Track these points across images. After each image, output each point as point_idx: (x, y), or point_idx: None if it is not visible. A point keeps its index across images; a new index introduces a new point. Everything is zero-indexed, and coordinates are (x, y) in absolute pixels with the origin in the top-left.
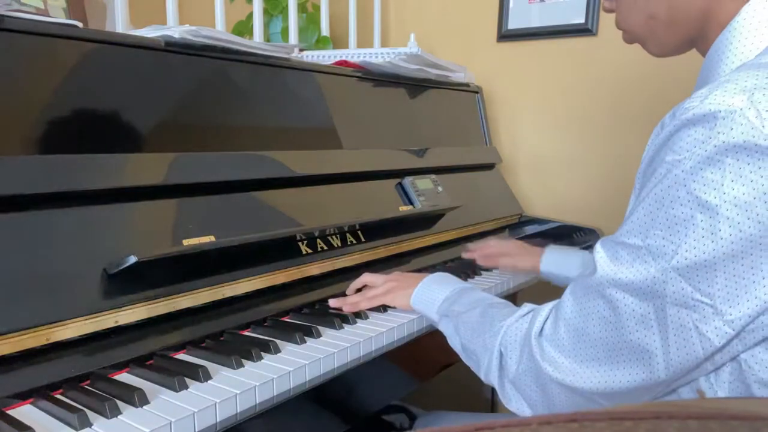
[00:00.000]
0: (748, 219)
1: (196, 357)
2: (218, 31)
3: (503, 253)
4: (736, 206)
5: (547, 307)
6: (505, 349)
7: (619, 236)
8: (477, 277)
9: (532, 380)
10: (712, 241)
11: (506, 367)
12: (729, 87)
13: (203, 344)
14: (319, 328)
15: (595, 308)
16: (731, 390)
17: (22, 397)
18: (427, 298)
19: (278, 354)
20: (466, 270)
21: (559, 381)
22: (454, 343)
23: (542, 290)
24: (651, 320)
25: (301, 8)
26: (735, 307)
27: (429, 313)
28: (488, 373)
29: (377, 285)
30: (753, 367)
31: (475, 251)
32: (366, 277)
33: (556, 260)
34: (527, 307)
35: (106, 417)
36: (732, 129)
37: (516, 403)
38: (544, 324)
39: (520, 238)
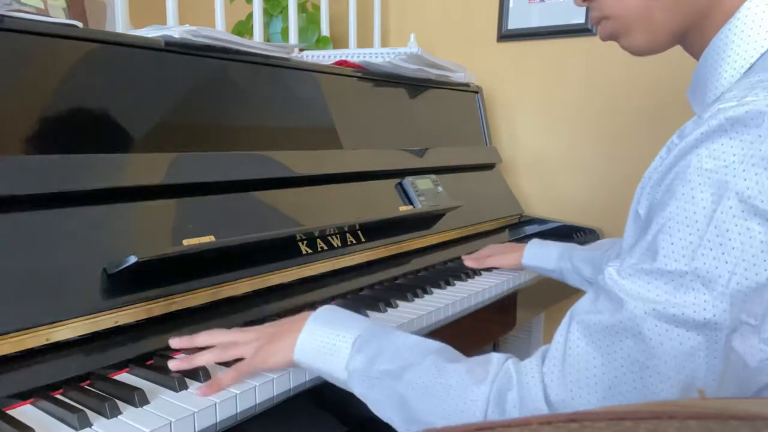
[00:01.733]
0: None
1: None
2: (218, 31)
3: (490, 254)
4: None
5: (532, 362)
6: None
7: (651, 263)
8: (477, 278)
9: None
10: None
11: None
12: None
13: None
14: None
15: (622, 352)
16: None
17: (22, 397)
18: (322, 349)
19: None
20: (466, 270)
21: None
22: (387, 414)
23: (540, 290)
24: (700, 353)
25: (301, 8)
26: None
27: (329, 367)
28: None
29: (242, 343)
30: None
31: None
32: (218, 336)
33: (535, 253)
34: (495, 359)
35: (106, 417)
36: None
37: None
38: (543, 383)
39: (520, 238)
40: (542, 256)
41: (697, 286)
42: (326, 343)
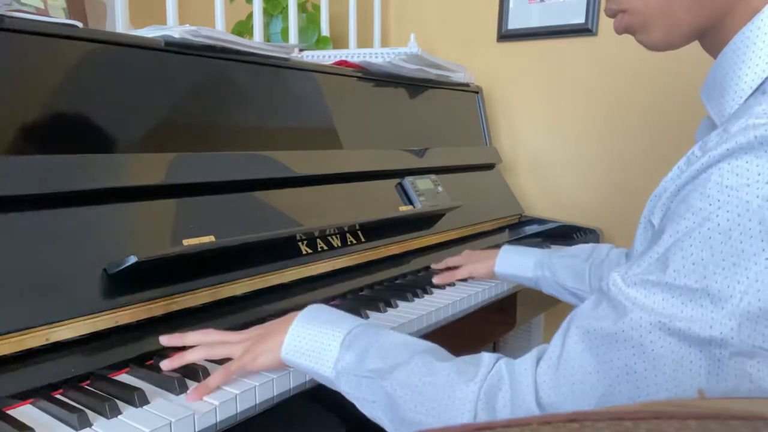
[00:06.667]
0: None
1: None
2: (218, 31)
3: (458, 264)
4: None
5: (526, 362)
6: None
7: (660, 275)
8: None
9: None
10: None
11: None
12: None
13: None
14: None
15: (621, 362)
16: None
17: (22, 397)
18: (310, 347)
19: None
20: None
21: None
22: (374, 413)
23: (541, 292)
24: (701, 370)
25: (301, 8)
26: None
27: (316, 366)
28: None
29: (231, 342)
30: None
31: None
32: (209, 336)
33: (509, 260)
34: (486, 359)
35: (106, 417)
36: None
37: None
38: (535, 385)
39: (520, 239)
40: (517, 263)
41: (706, 303)
42: (315, 342)
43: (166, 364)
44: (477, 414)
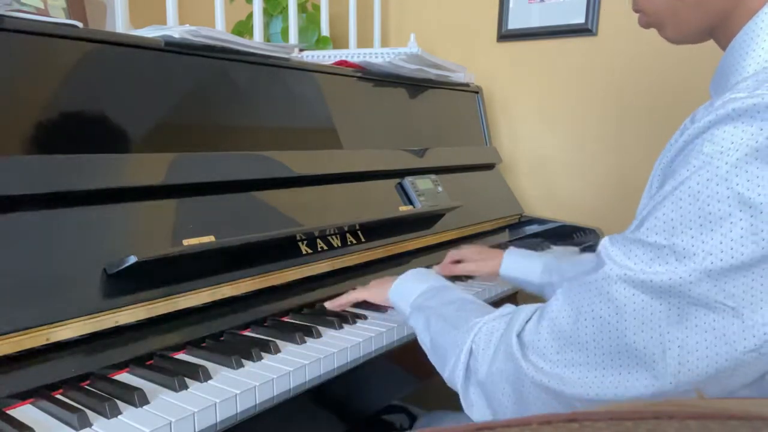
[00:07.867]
0: None
1: (196, 357)
2: (218, 31)
3: (463, 259)
4: None
5: (530, 307)
6: (476, 346)
7: (635, 234)
8: (477, 278)
9: (506, 383)
10: (753, 243)
11: (474, 369)
12: None
13: (203, 344)
14: (319, 328)
15: (590, 307)
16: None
17: (22, 397)
18: (404, 291)
19: (278, 354)
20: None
21: (543, 384)
22: (423, 338)
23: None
24: (661, 319)
25: (301, 8)
26: (758, 312)
27: (403, 305)
28: (453, 372)
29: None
30: None
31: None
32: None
33: (516, 263)
34: (508, 307)
35: (106, 417)
36: None
37: (479, 409)
38: (525, 324)
39: (520, 239)
40: (524, 268)
41: (671, 259)
42: (406, 289)
43: (328, 305)
44: (473, 338)
